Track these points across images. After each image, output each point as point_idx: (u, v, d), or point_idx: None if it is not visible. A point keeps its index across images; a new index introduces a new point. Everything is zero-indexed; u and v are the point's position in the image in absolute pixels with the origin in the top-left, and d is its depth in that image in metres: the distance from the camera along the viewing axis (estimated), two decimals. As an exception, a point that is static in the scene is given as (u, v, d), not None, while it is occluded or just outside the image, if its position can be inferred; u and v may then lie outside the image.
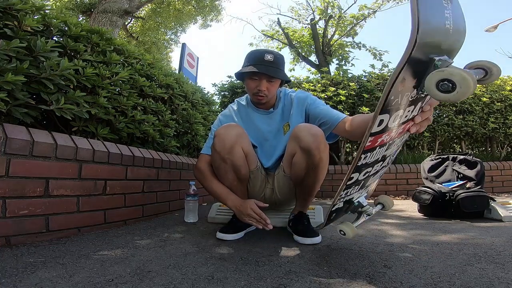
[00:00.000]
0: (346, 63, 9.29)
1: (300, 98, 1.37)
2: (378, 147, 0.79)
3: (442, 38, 0.66)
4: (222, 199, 1.30)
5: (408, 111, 0.75)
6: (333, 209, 0.92)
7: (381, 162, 0.89)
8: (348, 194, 0.92)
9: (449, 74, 0.57)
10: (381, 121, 0.71)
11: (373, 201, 1.14)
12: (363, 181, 0.91)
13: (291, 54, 10.92)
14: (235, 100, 1.50)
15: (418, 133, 0.81)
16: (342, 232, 0.88)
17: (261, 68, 1.24)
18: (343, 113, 1.39)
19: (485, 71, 0.69)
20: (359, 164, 0.79)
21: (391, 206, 1.06)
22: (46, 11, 1.32)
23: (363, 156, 0.78)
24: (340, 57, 9.41)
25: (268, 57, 1.26)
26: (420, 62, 0.64)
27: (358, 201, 0.99)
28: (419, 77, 0.67)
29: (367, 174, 0.88)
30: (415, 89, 0.69)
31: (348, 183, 0.84)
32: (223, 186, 1.30)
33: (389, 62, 4.14)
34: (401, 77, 0.63)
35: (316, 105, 1.32)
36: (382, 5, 9.23)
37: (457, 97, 0.57)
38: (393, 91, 0.64)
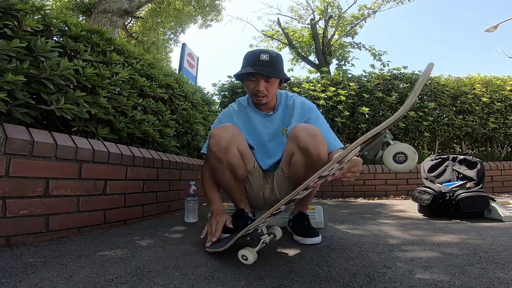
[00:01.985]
0: (346, 63, 9.30)
1: (304, 108, 1.35)
2: (311, 188, 0.91)
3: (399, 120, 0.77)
4: (209, 201, 1.30)
5: (333, 168, 0.85)
6: (243, 234, 0.96)
7: (292, 203, 0.97)
8: (265, 222, 0.98)
9: (403, 147, 0.72)
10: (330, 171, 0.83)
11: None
12: (278, 214, 0.97)
13: (291, 54, 10.93)
14: (236, 100, 1.49)
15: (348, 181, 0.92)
16: (244, 257, 0.91)
17: (257, 68, 1.23)
18: (343, 113, 1.40)
19: (405, 155, 0.79)
20: (294, 198, 0.88)
21: (279, 236, 1.16)
22: (46, 11, 1.32)
23: (301, 192, 0.87)
24: (340, 57, 9.42)
25: (264, 56, 1.25)
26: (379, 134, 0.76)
27: (261, 229, 1.02)
28: (367, 144, 0.79)
29: (282, 208, 0.94)
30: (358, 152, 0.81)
31: (274, 212, 0.90)
32: (214, 192, 1.31)
33: (389, 61, 4.15)
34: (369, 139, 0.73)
35: (317, 124, 1.29)
36: (382, 5, 9.23)
37: (407, 167, 0.71)
38: (355, 150, 0.76)
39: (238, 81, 4.07)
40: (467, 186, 1.88)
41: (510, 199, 2.53)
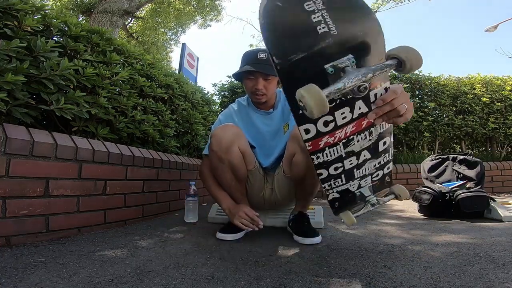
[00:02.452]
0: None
1: None
2: (327, 148, 0.83)
3: (316, 43, 0.63)
4: (218, 200, 1.35)
5: (343, 113, 0.75)
6: (329, 199, 1.00)
7: (354, 157, 0.90)
8: (334, 186, 0.96)
9: (297, 95, 0.56)
10: (307, 130, 0.76)
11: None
12: (343, 175, 0.93)
13: (291, 54, 10.91)
14: (236, 100, 1.50)
15: (399, 124, 0.78)
16: (342, 220, 0.95)
17: (256, 67, 1.24)
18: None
19: (399, 61, 0.64)
20: (316, 163, 0.86)
21: (404, 197, 1.02)
22: (46, 11, 1.32)
23: (314, 157, 0.84)
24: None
25: (262, 55, 1.26)
26: (307, 70, 0.63)
27: (360, 192, 1.01)
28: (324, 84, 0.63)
29: (340, 169, 0.91)
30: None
31: (321, 177, 0.90)
32: (220, 189, 1.34)
33: None
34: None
35: None
36: (382, 5, 9.23)
37: (309, 115, 0.55)
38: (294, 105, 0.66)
39: (238, 81, 4.08)
40: (467, 186, 1.88)
41: (510, 199, 2.53)
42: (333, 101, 0.71)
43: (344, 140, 0.83)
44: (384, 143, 0.91)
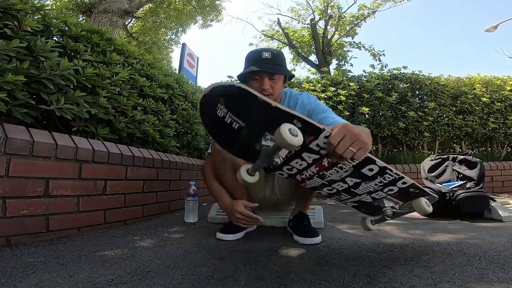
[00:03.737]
0: (345, 63, 9.31)
1: (303, 104, 1.32)
2: (306, 180, 0.97)
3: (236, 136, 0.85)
4: (217, 198, 1.34)
5: (297, 162, 0.87)
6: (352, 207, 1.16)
7: (340, 182, 0.95)
8: (343, 199, 1.09)
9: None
10: (281, 174, 0.95)
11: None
12: (343, 193, 1.01)
13: (291, 54, 10.94)
14: None
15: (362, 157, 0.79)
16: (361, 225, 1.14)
17: (261, 66, 1.22)
18: (343, 113, 1.38)
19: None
20: (308, 187, 1.04)
21: (420, 212, 1.00)
22: (46, 11, 1.32)
23: (303, 185, 1.03)
24: (340, 57, 9.44)
25: (266, 54, 1.24)
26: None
27: (377, 203, 1.03)
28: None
29: (334, 190, 1.02)
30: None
31: (324, 195, 1.08)
32: (219, 186, 1.33)
33: (386, 64, 4.16)
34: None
35: (316, 113, 1.26)
36: (381, 5, 9.24)
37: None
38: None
39: (238, 82, 4.08)
40: (467, 186, 1.88)
41: (510, 199, 2.53)
42: (288, 154, 0.85)
43: (317, 175, 0.93)
44: (371, 169, 0.89)
